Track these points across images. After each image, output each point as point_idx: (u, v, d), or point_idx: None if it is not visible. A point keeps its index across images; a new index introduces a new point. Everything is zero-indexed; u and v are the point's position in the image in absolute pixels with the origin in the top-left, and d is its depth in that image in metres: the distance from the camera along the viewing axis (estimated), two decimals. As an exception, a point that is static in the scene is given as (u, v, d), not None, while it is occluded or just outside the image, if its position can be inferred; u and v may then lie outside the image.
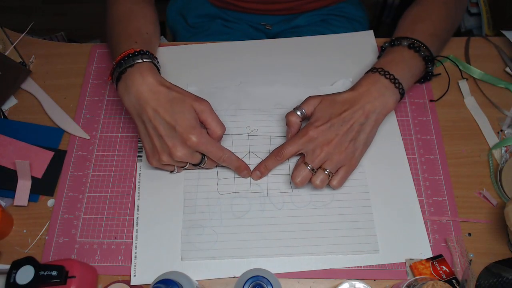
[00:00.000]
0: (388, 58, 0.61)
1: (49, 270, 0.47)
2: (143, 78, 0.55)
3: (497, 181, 0.59)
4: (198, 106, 0.55)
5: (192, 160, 0.55)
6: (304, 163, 0.56)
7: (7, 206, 0.60)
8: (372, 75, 0.58)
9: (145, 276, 0.54)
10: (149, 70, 0.56)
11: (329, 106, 0.57)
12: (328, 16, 0.85)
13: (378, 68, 0.59)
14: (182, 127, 0.53)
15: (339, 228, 0.56)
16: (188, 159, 0.55)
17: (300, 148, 0.56)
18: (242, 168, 0.59)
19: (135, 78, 0.55)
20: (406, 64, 0.60)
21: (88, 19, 1.72)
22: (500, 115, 0.65)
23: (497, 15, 1.01)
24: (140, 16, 0.65)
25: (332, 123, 0.55)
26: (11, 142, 0.62)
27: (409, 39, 0.61)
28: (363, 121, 0.56)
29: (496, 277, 0.51)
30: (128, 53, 0.56)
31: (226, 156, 0.57)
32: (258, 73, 0.69)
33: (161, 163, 0.56)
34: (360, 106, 0.56)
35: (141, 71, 0.55)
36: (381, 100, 0.57)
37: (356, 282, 0.50)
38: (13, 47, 0.70)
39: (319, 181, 0.55)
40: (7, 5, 1.84)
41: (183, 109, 0.54)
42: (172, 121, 0.53)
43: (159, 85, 0.55)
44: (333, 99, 0.58)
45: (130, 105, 0.55)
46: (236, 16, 0.86)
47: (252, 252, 0.55)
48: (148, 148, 0.56)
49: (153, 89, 0.54)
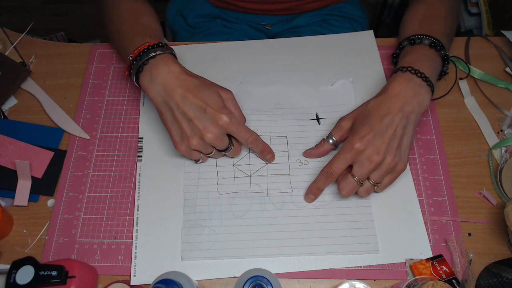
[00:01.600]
0: (414, 57, 0.59)
1: (49, 270, 0.47)
2: (168, 67, 0.56)
3: (497, 181, 0.59)
4: (224, 94, 0.57)
5: (221, 143, 0.56)
6: (351, 175, 0.54)
7: (7, 206, 0.60)
8: (403, 75, 0.57)
9: (145, 276, 0.54)
10: (172, 60, 0.57)
11: (366, 117, 0.55)
12: (328, 16, 0.85)
13: (407, 67, 0.58)
14: (214, 107, 0.54)
15: (339, 228, 0.56)
16: (217, 141, 0.55)
17: (349, 163, 0.54)
18: (266, 152, 0.59)
19: (160, 67, 0.56)
20: (430, 62, 0.59)
21: (88, 19, 1.72)
22: (500, 115, 0.65)
23: (497, 15, 1.01)
24: (145, 14, 0.66)
25: (376, 131, 0.53)
26: (11, 142, 0.62)
27: (430, 38, 0.60)
28: (404, 123, 0.55)
29: (496, 277, 0.51)
30: (147, 46, 0.57)
31: (253, 137, 0.57)
32: (258, 73, 0.69)
33: (191, 147, 0.56)
34: (398, 109, 0.54)
35: (166, 61, 0.56)
36: (418, 99, 0.55)
37: (356, 282, 0.50)
38: (13, 47, 0.70)
39: (365, 192, 0.55)
40: (7, 5, 1.84)
41: (211, 93, 0.56)
42: (203, 104, 0.54)
43: (184, 74, 0.56)
44: (367, 108, 0.56)
45: (156, 94, 0.56)
46: (236, 16, 0.86)
47: (252, 252, 0.55)
48: (176, 134, 0.56)
49: (179, 76, 0.56)
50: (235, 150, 0.59)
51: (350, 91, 0.66)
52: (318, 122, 0.64)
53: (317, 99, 0.66)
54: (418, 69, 0.57)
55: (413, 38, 0.61)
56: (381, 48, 0.71)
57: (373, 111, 0.55)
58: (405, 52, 0.62)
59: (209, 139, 0.55)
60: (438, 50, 0.60)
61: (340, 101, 0.66)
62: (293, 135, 0.63)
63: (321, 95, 0.66)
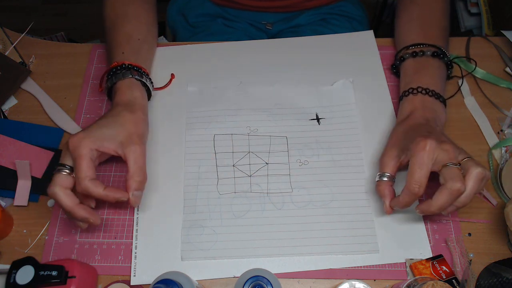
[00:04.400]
0: (420, 73, 0.60)
1: (49, 270, 0.47)
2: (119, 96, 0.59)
3: (497, 181, 0.59)
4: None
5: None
6: (451, 169, 0.49)
7: (7, 206, 0.60)
8: (415, 98, 0.58)
9: (145, 276, 0.54)
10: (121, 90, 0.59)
11: (407, 136, 0.54)
12: (328, 15, 0.85)
13: (416, 87, 0.58)
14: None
15: (339, 228, 0.56)
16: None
17: (430, 167, 0.49)
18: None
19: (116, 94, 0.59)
20: (436, 75, 0.60)
21: (88, 19, 1.71)
22: (500, 115, 0.65)
23: (497, 15, 1.01)
24: (132, 19, 0.66)
25: (429, 131, 0.52)
26: (11, 142, 0.62)
27: (431, 47, 0.60)
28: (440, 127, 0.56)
29: (496, 277, 0.51)
30: (115, 66, 0.60)
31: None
32: (258, 73, 0.69)
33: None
34: (429, 125, 0.54)
35: (118, 89, 0.59)
36: (435, 117, 0.56)
37: (356, 282, 0.50)
38: (13, 47, 0.70)
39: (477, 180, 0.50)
40: (7, 5, 1.84)
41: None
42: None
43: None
44: (400, 130, 0.56)
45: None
46: (237, 14, 0.86)
47: (252, 252, 0.55)
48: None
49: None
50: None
51: (350, 91, 0.66)
52: (318, 122, 0.64)
53: (317, 99, 0.66)
54: (427, 88, 0.57)
55: (414, 51, 0.61)
56: (381, 48, 0.71)
57: (411, 128, 0.55)
58: (408, 66, 0.62)
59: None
60: (441, 58, 0.60)
61: (340, 101, 0.66)
62: (293, 135, 0.63)
63: (321, 95, 0.66)
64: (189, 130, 0.64)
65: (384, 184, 0.54)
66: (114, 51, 0.63)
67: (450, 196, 0.48)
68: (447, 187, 0.48)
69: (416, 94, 0.58)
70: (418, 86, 0.58)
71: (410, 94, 0.58)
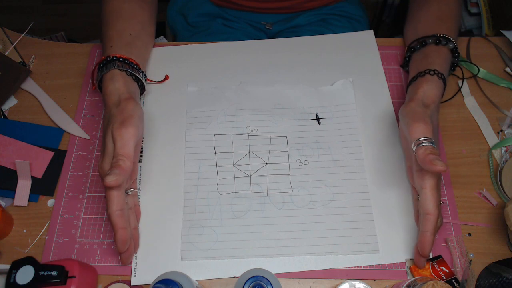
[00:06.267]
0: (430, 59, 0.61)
1: (49, 270, 0.47)
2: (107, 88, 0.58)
3: (497, 181, 0.59)
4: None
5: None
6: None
7: (7, 206, 0.60)
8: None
9: (145, 276, 0.54)
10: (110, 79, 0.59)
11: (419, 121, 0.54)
12: (328, 15, 0.85)
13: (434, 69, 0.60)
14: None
15: (339, 228, 0.56)
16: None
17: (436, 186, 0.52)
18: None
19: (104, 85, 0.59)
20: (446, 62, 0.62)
21: (88, 19, 1.72)
22: (500, 115, 0.65)
23: (497, 15, 1.01)
24: (126, 15, 0.66)
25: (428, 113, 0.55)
26: (11, 142, 0.62)
27: (450, 39, 0.62)
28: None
29: (496, 277, 0.51)
30: (101, 61, 0.60)
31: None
32: (258, 73, 0.69)
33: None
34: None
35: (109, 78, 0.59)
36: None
37: (356, 282, 0.50)
38: (13, 47, 0.70)
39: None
40: (7, 5, 1.83)
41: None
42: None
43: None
44: (412, 110, 0.56)
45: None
46: (237, 15, 0.86)
47: (252, 252, 0.55)
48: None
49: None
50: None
51: (350, 91, 0.66)
52: (318, 122, 0.64)
53: (317, 99, 0.66)
54: (435, 69, 0.59)
55: (438, 37, 0.62)
56: (381, 48, 0.71)
57: (415, 112, 0.56)
58: (429, 52, 0.63)
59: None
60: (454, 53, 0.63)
61: (340, 101, 0.66)
62: (293, 135, 0.63)
63: (321, 95, 0.66)
64: (189, 130, 0.64)
65: (428, 149, 0.51)
66: (104, 46, 0.63)
67: (430, 222, 0.51)
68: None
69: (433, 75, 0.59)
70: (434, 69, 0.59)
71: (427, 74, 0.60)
